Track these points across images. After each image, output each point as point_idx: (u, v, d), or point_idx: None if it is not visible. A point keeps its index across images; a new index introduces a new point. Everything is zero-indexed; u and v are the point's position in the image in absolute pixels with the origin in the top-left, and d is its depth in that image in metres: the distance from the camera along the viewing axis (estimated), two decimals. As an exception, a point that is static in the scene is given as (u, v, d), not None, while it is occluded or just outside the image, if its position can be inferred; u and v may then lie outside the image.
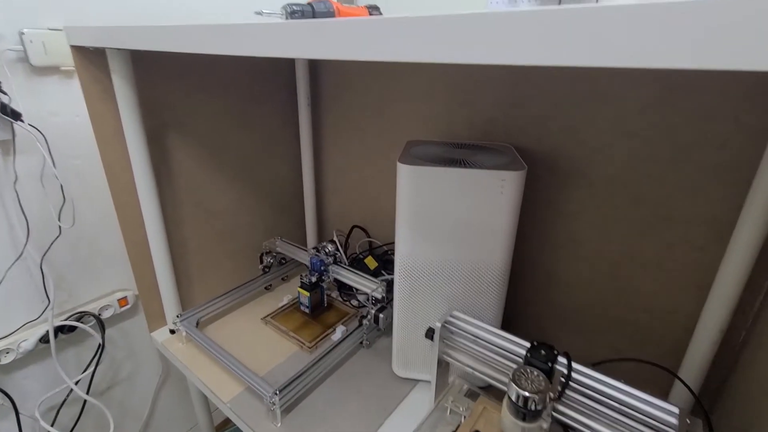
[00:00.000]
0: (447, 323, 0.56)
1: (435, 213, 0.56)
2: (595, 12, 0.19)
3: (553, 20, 0.20)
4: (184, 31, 0.42)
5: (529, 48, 0.22)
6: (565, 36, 0.20)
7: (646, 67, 0.18)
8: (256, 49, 0.35)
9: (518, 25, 0.22)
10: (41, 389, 0.78)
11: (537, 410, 0.42)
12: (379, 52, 0.28)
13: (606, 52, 0.19)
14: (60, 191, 0.71)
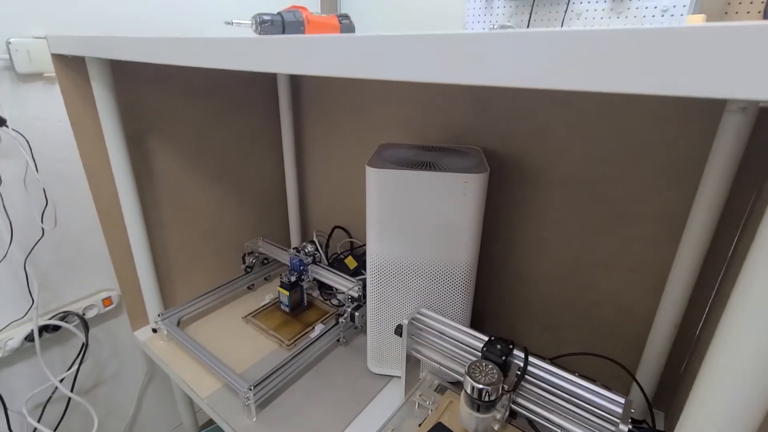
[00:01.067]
0: (415, 320, 0.58)
1: (402, 214, 0.58)
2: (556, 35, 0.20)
3: (521, 42, 0.21)
4: (159, 43, 0.44)
5: (491, 70, 0.22)
6: (530, 58, 0.21)
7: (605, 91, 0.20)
8: (227, 63, 0.37)
9: (476, 48, 0.22)
10: (28, 386, 0.80)
11: (491, 401, 0.44)
12: (344, 69, 0.28)
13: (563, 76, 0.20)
14: (43, 194, 0.73)
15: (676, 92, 0.18)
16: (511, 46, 0.21)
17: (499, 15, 0.92)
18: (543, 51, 0.20)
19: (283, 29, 0.55)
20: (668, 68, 0.18)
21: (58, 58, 0.61)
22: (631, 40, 0.18)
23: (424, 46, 0.24)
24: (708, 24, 0.16)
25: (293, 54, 0.31)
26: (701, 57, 0.17)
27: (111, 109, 0.65)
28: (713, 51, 0.16)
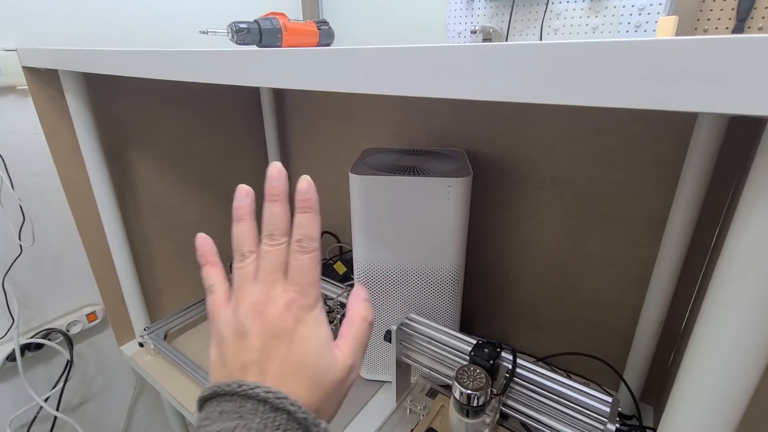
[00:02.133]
0: (403, 325, 0.58)
1: (387, 220, 0.57)
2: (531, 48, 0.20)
3: (498, 55, 0.21)
4: (133, 56, 0.42)
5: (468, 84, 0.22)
6: (507, 72, 0.20)
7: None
8: (201, 76, 0.36)
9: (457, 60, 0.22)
10: (11, 407, 0.78)
11: (479, 406, 0.44)
12: (315, 83, 0.28)
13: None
14: (20, 210, 0.71)
15: (634, 105, 0.18)
16: (473, 60, 0.21)
17: (480, 16, 0.92)
18: (504, 64, 0.20)
19: (261, 37, 0.55)
20: (627, 82, 0.18)
21: (30, 71, 0.59)
22: (591, 54, 0.18)
23: (388, 59, 0.24)
24: (666, 39, 0.16)
25: (266, 68, 0.31)
26: (659, 71, 0.17)
27: (87, 121, 0.63)
28: (672, 65, 0.16)
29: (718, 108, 0.16)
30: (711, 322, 0.20)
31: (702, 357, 0.21)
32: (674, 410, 0.23)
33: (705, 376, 0.21)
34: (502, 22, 0.91)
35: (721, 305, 0.20)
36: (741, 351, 0.19)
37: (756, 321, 0.18)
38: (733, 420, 0.21)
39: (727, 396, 0.21)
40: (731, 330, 0.19)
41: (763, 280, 0.17)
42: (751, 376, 0.18)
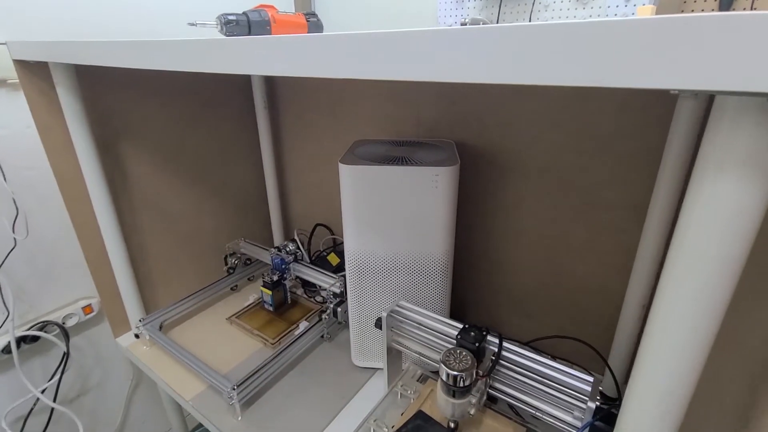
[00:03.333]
0: (394, 312, 0.59)
1: (377, 209, 0.59)
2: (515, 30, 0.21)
3: (478, 39, 0.21)
4: (122, 47, 0.43)
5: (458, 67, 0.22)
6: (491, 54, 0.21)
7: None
8: (191, 65, 0.37)
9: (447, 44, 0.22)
10: (6, 400, 0.79)
11: (465, 387, 0.46)
12: (313, 69, 0.28)
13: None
14: (13, 203, 0.71)
15: (604, 84, 0.19)
16: (448, 43, 0.22)
17: (470, 9, 0.93)
18: (480, 46, 0.21)
19: (249, 29, 0.55)
20: (597, 61, 0.19)
21: (20, 65, 0.60)
22: (557, 34, 0.19)
23: (368, 43, 0.25)
24: (635, 18, 0.17)
25: (253, 55, 0.32)
26: (629, 50, 0.18)
27: (79, 114, 0.64)
28: (643, 43, 0.17)
29: (663, 84, 0.17)
30: (668, 291, 0.22)
31: (661, 324, 0.23)
32: (636, 386, 0.25)
33: (665, 338, 0.22)
34: (491, 14, 0.91)
35: (675, 278, 0.21)
36: (696, 316, 0.21)
37: (705, 290, 0.19)
38: (688, 392, 0.22)
39: (682, 371, 0.22)
40: (686, 294, 0.21)
41: (710, 250, 0.19)
42: (705, 335, 0.20)
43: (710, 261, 0.19)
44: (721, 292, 0.19)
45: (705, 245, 0.19)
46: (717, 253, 0.19)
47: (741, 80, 0.15)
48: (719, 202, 0.18)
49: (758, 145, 0.17)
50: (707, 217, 0.19)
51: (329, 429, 0.62)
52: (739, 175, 0.17)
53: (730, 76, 0.16)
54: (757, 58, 0.15)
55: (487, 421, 0.55)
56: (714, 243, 0.19)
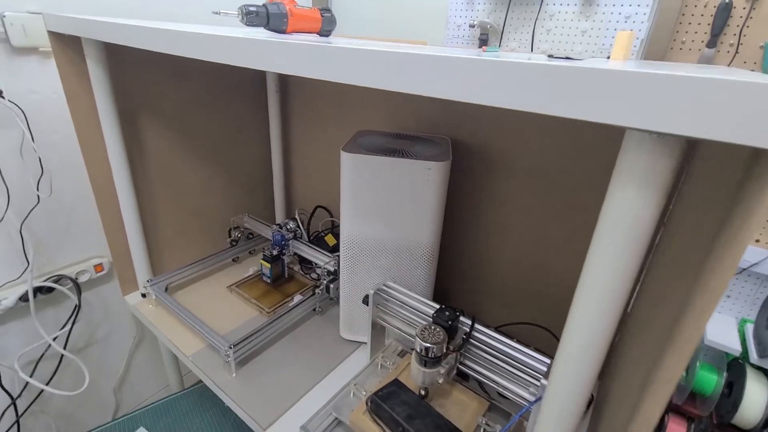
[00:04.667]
0: (380, 291, 0.65)
1: (372, 196, 0.64)
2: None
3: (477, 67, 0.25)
4: (152, 33, 0.48)
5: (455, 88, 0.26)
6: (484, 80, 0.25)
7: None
8: (213, 56, 0.41)
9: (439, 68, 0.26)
10: (20, 344, 0.86)
11: (436, 358, 0.52)
12: (325, 73, 0.33)
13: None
14: (38, 163, 0.77)
15: (573, 116, 0.24)
16: (431, 65, 0.27)
17: (479, 11, 0.97)
18: (469, 74, 0.26)
19: (268, 20, 0.60)
20: (566, 97, 0.23)
21: (54, 36, 0.65)
22: (532, 73, 0.24)
23: (369, 58, 0.30)
24: (595, 65, 0.22)
25: (267, 55, 0.37)
26: (573, 91, 0.22)
27: (105, 85, 0.69)
28: (600, 87, 0.22)
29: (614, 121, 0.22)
30: (589, 270, 0.27)
31: (586, 291, 0.28)
32: (564, 350, 0.30)
33: (585, 305, 0.28)
34: (499, 18, 0.95)
35: (595, 258, 0.26)
36: (606, 291, 0.26)
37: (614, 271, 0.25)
38: (602, 339, 0.28)
39: (599, 320, 0.27)
40: (603, 272, 0.26)
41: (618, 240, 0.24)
42: (615, 305, 0.25)
43: (619, 247, 0.25)
44: (627, 271, 0.25)
45: (616, 235, 0.24)
46: (623, 242, 0.24)
47: (641, 120, 0.21)
48: (626, 203, 0.24)
49: (651, 166, 0.22)
50: (618, 215, 0.24)
51: (314, 389, 0.68)
52: (638, 185, 0.23)
53: (634, 116, 0.21)
54: (650, 105, 0.20)
55: (456, 394, 0.62)
56: (621, 233, 0.24)
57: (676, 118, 0.19)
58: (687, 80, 0.19)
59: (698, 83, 0.19)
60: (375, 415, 0.56)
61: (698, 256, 0.31)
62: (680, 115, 0.19)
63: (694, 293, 0.28)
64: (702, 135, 0.19)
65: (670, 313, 0.34)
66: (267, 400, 0.65)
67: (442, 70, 0.26)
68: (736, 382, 0.87)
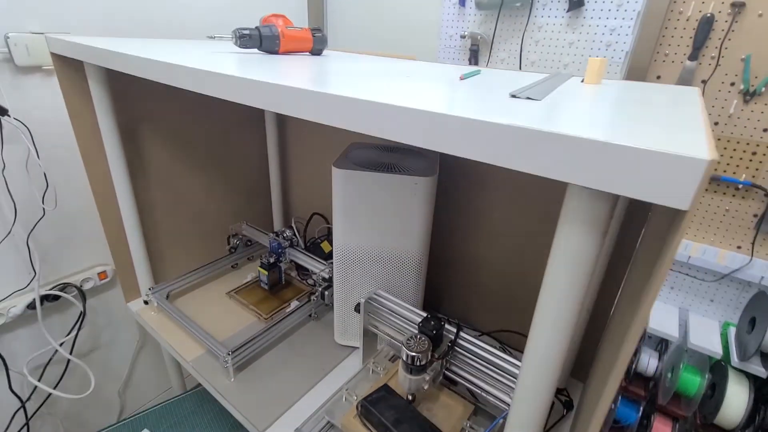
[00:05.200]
0: (371, 300, 0.68)
1: (363, 208, 0.67)
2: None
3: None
4: (151, 64, 0.50)
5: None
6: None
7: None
8: (209, 91, 0.43)
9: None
10: (29, 350, 0.89)
11: (421, 366, 0.55)
12: (317, 116, 0.34)
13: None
14: (43, 177, 0.80)
15: (534, 172, 0.26)
16: (397, 115, 0.29)
17: (470, 23, 0.99)
18: (427, 123, 0.28)
19: (261, 42, 0.63)
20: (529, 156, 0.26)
21: (57, 57, 0.67)
22: (481, 129, 0.27)
23: (347, 106, 0.32)
24: (552, 131, 0.24)
25: (259, 95, 0.39)
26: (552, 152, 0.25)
27: (106, 103, 0.71)
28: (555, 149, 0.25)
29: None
30: (545, 289, 0.30)
31: (548, 300, 0.31)
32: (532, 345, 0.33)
33: (549, 310, 0.31)
34: (489, 30, 0.97)
35: (550, 282, 0.29)
36: (560, 305, 0.29)
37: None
38: (562, 337, 0.31)
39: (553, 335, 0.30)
40: (557, 290, 0.29)
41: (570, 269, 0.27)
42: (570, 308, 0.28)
43: (567, 272, 0.27)
44: (575, 292, 0.28)
45: (565, 262, 0.27)
46: (570, 270, 0.27)
47: (577, 177, 0.23)
48: (571, 239, 0.26)
49: (590, 212, 0.25)
50: (567, 246, 0.27)
51: (308, 394, 0.71)
52: (580, 225, 0.25)
53: (575, 174, 0.23)
54: (579, 165, 0.23)
55: (443, 398, 0.65)
56: (568, 262, 0.27)
57: (599, 176, 0.22)
58: (606, 146, 0.21)
59: (616, 150, 0.21)
60: (365, 419, 0.59)
61: (646, 273, 0.34)
62: (600, 174, 0.22)
63: (639, 296, 0.30)
64: (620, 192, 0.22)
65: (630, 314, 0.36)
66: (264, 404, 0.68)
67: (407, 121, 0.28)
68: (718, 383, 0.89)
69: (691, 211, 0.20)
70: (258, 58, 0.60)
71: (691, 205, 0.20)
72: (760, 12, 0.77)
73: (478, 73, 0.54)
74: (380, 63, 0.66)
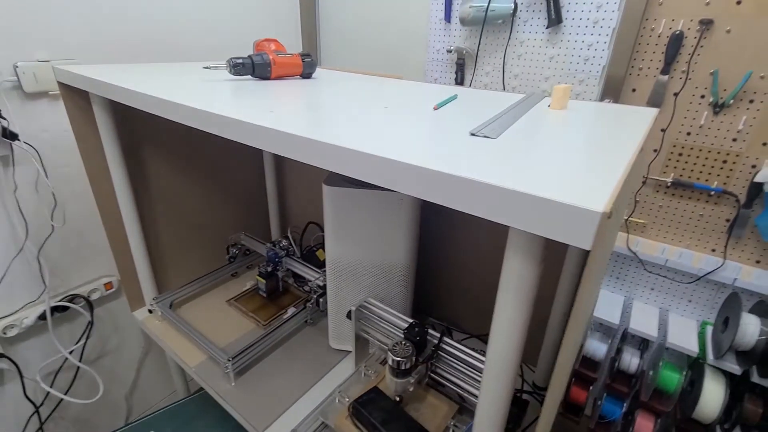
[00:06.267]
0: (362, 307, 0.73)
1: (352, 222, 0.71)
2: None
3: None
4: (150, 100, 0.55)
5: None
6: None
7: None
8: (206, 127, 0.48)
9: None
10: (41, 358, 0.94)
11: (406, 370, 0.59)
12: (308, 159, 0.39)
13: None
14: (52, 196, 0.85)
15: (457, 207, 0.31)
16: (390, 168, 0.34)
17: (456, 37, 1.03)
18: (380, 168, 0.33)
19: (253, 70, 0.67)
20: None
21: (63, 86, 0.72)
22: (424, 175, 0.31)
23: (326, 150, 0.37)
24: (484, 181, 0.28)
25: (247, 136, 0.43)
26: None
27: (109, 125, 0.76)
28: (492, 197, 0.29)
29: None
30: (499, 304, 0.34)
31: (504, 309, 0.35)
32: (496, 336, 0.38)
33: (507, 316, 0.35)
34: (474, 44, 1.01)
35: (503, 299, 0.34)
36: (510, 319, 0.33)
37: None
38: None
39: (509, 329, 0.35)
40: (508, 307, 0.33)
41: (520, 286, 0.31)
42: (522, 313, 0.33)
43: (514, 291, 0.32)
44: (520, 316, 0.32)
45: (513, 283, 0.32)
46: (516, 291, 0.32)
47: (508, 220, 0.28)
48: (514, 264, 0.31)
49: (526, 245, 0.29)
50: (514, 271, 0.31)
51: (304, 397, 0.76)
52: (523, 254, 0.30)
53: (506, 217, 0.28)
54: (506, 211, 0.27)
55: (429, 398, 0.69)
56: (514, 285, 0.32)
57: (525, 220, 0.27)
58: (524, 196, 0.26)
59: (533, 200, 0.26)
60: (356, 419, 0.64)
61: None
62: (525, 217, 0.27)
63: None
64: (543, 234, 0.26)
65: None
66: (263, 407, 0.73)
67: (373, 167, 0.33)
68: (696, 380, 0.94)
69: (595, 248, 0.25)
70: (251, 85, 0.64)
71: (594, 245, 0.24)
72: (728, 28, 0.80)
73: (454, 98, 0.59)
74: (366, 86, 0.70)
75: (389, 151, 0.32)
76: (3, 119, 0.75)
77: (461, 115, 0.48)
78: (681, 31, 0.84)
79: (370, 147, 0.33)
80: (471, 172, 0.28)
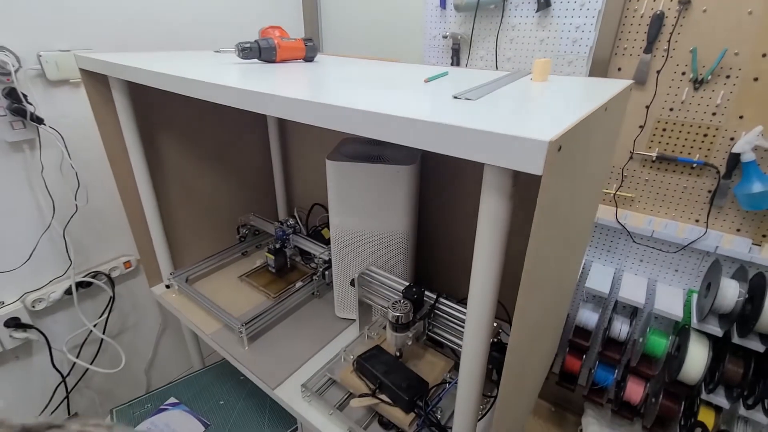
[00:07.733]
0: (364, 274, 0.79)
1: (354, 195, 0.77)
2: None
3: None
4: (167, 78, 0.60)
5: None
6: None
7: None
8: (219, 99, 0.54)
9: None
10: (67, 330, 1.01)
11: (404, 324, 0.65)
12: (310, 119, 0.45)
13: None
14: (75, 177, 0.91)
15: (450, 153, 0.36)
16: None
17: (451, 24, 1.08)
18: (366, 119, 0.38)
19: (260, 53, 0.72)
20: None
21: (84, 72, 0.78)
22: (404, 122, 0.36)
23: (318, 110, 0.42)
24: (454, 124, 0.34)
25: (259, 103, 0.49)
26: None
27: (128, 110, 0.82)
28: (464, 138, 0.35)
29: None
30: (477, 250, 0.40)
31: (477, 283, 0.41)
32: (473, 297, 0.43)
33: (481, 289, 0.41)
34: (468, 30, 1.06)
35: (480, 241, 0.39)
36: (486, 262, 0.39)
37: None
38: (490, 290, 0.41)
39: (484, 277, 0.40)
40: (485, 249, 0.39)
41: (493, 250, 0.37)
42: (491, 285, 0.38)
43: (489, 231, 0.37)
44: (496, 249, 0.38)
45: (490, 216, 0.37)
46: (491, 227, 0.37)
47: (479, 156, 0.33)
48: (491, 203, 0.36)
49: (500, 182, 0.34)
50: (488, 210, 0.37)
51: (313, 359, 0.82)
52: (496, 193, 0.35)
53: (477, 154, 0.33)
54: (477, 149, 0.32)
55: (428, 355, 0.75)
56: (491, 221, 0.37)
57: (493, 155, 0.32)
58: (491, 134, 0.31)
59: (497, 137, 0.31)
60: (360, 373, 0.70)
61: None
62: (493, 153, 0.32)
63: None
64: (507, 166, 0.31)
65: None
66: (274, 367, 0.79)
67: (374, 121, 0.38)
68: (682, 344, 0.99)
69: (546, 174, 0.30)
70: (258, 67, 0.70)
71: (544, 171, 0.30)
72: (704, 8, 0.84)
73: (445, 74, 0.64)
74: (364, 67, 0.76)
75: (384, 108, 0.37)
76: (29, 104, 0.81)
77: (449, 86, 0.53)
78: (662, 11, 0.88)
79: (367, 105, 0.39)
80: (450, 120, 0.34)
